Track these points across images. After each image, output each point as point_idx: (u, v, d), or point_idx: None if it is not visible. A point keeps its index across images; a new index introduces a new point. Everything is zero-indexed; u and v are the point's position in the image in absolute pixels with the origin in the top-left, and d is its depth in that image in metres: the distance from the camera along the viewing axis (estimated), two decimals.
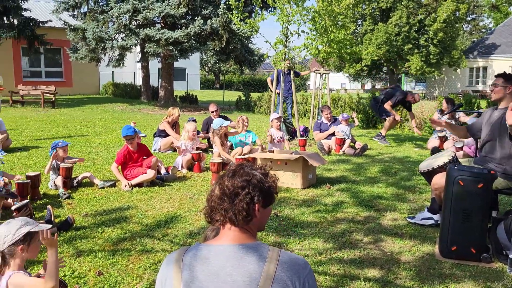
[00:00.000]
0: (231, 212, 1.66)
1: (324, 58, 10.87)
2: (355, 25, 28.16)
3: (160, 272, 1.71)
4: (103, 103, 20.10)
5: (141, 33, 16.38)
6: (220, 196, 1.69)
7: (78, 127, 12.02)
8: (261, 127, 11.98)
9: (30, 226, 2.41)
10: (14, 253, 2.37)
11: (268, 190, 1.73)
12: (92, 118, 14.39)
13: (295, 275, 1.58)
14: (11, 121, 12.32)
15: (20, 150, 8.41)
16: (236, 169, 1.73)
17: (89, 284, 3.28)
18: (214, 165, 6.25)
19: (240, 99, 19.49)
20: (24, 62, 24.43)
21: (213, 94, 33.63)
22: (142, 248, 3.96)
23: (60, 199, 5.37)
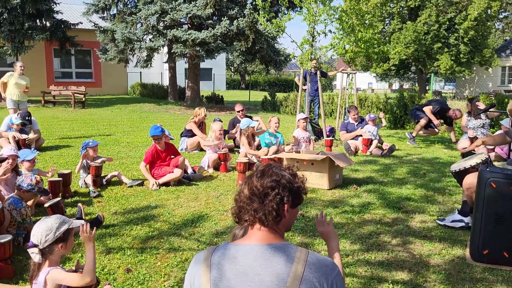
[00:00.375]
0: (260, 213, 1.66)
1: (351, 57, 10.76)
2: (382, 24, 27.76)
3: (188, 270, 1.73)
4: (131, 103, 20.44)
5: (168, 34, 16.58)
6: (250, 196, 1.69)
7: (107, 127, 12.26)
8: (287, 127, 11.95)
9: (68, 224, 2.48)
10: (53, 251, 2.44)
11: (297, 190, 1.73)
12: (121, 118, 14.65)
13: (323, 277, 1.57)
14: (43, 120, 12.66)
15: (52, 149, 8.63)
16: (265, 169, 1.73)
17: (118, 280, 3.34)
18: (240, 165, 6.28)
19: (266, 99, 19.50)
20: (55, 63, 25.09)
21: (238, 94, 33.75)
22: (170, 247, 4.01)
23: (90, 197, 5.49)
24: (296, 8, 17.96)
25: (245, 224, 1.73)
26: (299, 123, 8.19)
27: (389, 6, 27.21)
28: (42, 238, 2.42)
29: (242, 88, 48.51)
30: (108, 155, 7.48)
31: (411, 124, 13.11)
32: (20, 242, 3.90)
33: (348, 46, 10.51)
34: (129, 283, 3.30)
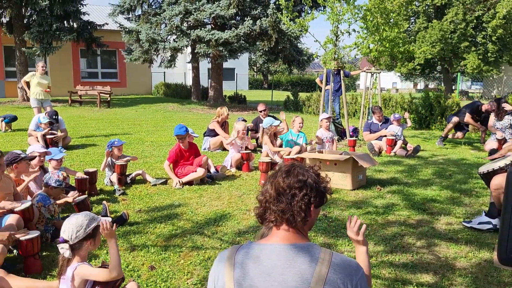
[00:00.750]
0: (288, 214, 1.65)
1: (375, 57, 10.63)
2: (408, 22, 27.34)
3: (212, 269, 1.73)
4: (155, 103, 20.69)
5: (192, 34, 16.72)
6: (276, 197, 1.68)
7: (132, 126, 12.44)
8: (309, 127, 11.89)
9: (97, 221, 2.53)
10: (82, 247, 2.49)
11: (322, 190, 1.72)
12: (145, 117, 14.85)
13: (347, 278, 1.56)
14: (70, 120, 12.93)
15: (78, 147, 8.81)
16: (290, 169, 1.72)
17: (142, 277, 3.39)
18: (262, 164, 6.28)
19: (289, 99, 19.46)
20: (82, 64, 25.62)
21: (261, 94, 33.78)
22: (193, 245, 4.04)
23: (115, 195, 5.58)
24: (319, 7, 17.85)
25: (270, 224, 1.72)
26: (322, 123, 8.14)
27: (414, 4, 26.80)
28: (72, 234, 2.47)
29: (265, 88, 48.53)
30: (132, 154, 7.60)
31: (437, 124, 12.89)
32: (47, 238, 4.00)
33: (373, 45, 10.38)
34: (153, 280, 3.34)
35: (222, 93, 20.93)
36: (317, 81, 12.43)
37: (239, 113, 15.62)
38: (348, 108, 13.57)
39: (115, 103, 19.55)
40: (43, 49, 18.79)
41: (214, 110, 16.62)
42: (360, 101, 12.54)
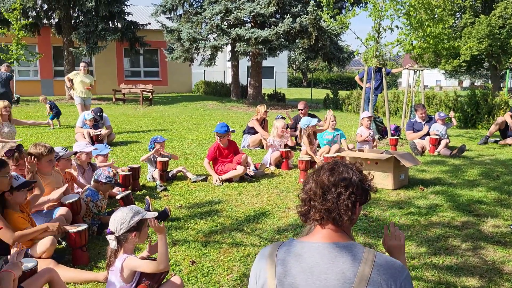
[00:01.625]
0: (334, 213, 1.64)
1: (418, 54, 10.34)
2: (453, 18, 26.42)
3: (254, 265, 1.75)
4: (195, 101, 21.00)
5: (232, 33, 16.85)
6: (321, 195, 1.66)
7: (173, 124, 12.68)
8: (349, 125, 11.75)
9: (141, 215, 2.61)
10: (128, 239, 2.58)
11: (368, 189, 1.70)
12: (185, 115, 15.10)
13: (391, 279, 1.53)
14: (114, 117, 13.32)
15: (122, 144, 9.08)
16: (334, 167, 1.71)
17: (183, 272, 3.46)
18: (302, 163, 6.26)
19: (328, 97, 19.28)
20: (125, 63, 26.35)
21: (300, 92, 33.61)
22: (232, 241, 4.09)
23: (157, 191, 5.72)
24: (361, 4, 17.55)
25: (315, 223, 1.70)
26: (363, 121, 8.02)
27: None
28: (117, 226, 2.57)
29: (304, 86, 48.24)
30: (173, 151, 7.76)
31: (483, 123, 12.42)
32: (94, 231, 4.15)
33: (416, 42, 10.11)
34: (194, 275, 3.41)
35: (261, 91, 20.98)
36: (356, 79, 12.24)
37: (278, 111, 15.60)
38: (390, 107, 13.31)
39: (156, 101, 19.98)
40: (89, 49, 19.46)
41: (253, 108, 16.68)
42: (402, 99, 12.27)
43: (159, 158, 6.07)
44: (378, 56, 9.43)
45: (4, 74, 10.73)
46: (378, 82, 10.95)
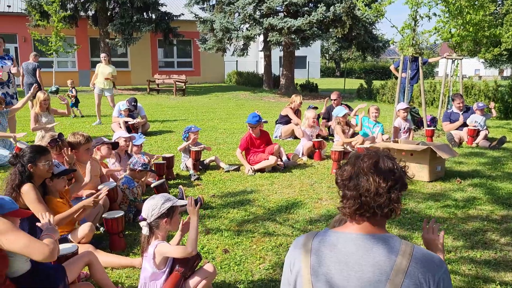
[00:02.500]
0: (387, 208, 1.61)
1: (457, 42, 10.02)
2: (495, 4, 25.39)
3: (288, 254, 1.75)
4: (227, 91, 21.10)
5: (264, 23, 16.77)
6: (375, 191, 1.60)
7: (205, 114, 12.80)
8: (383, 116, 11.52)
9: (172, 202, 2.66)
10: (160, 225, 2.64)
11: (405, 181, 1.66)
12: (218, 105, 15.20)
13: (429, 273, 1.50)
14: (148, 107, 13.55)
15: (156, 133, 9.24)
16: (378, 160, 1.64)
17: (216, 260, 3.51)
18: (335, 153, 6.20)
19: (362, 87, 18.96)
20: (159, 53, 26.71)
21: (333, 82, 33.20)
22: (265, 231, 4.11)
23: (190, 180, 5.80)
24: None
25: (355, 216, 1.64)
26: (399, 113, 7.84)
27: None
28: (149, 213, 2.63)
29: (337, 76, 47.62)
30: (206, 141, 7.84)
31: None
32: (130, 218, 4.26)
33: (455, 29, 9.79)
34: (227, 263, 3.45)
35: (294, 81, 20.85)
36: (391, 68, 11.97)
37: (310, 102, 15.48)
38: (426, 97, 12.96)
39: (190, 91, 20.19)
40: (124, 40, 19.82)
41: (286, 98, 16.62)
42: (439, 89, 11.93)
43: (193, 148, 6.15)
44: (414, 45, 9.18)
45: (31, 64, 10.76)
46: (414, 72, 10.67)
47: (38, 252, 2.21)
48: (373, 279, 1.51)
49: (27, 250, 2.20)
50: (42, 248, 2.22)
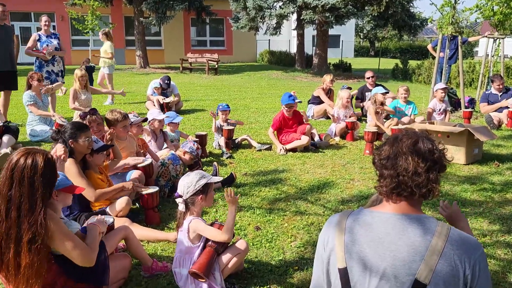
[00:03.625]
0: (425, 188, 1.60)
1: (499, 20, 9.60)
2: None
3: (322, 232, 1.77)
4: (259, 70, 21.02)
5: (298, 1, 16.51)
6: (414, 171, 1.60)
7: (237, 93, 12.82)
8: (419, 97, 11.24)
9: (207, 179, 2.72)
10: (195, 202, 2.71)
11: (444, 163, 1.64)
12: (250, 85, 15.19)
13: (465, 255, 1.49)
14: (181, 86, 13.67)
15: (189, 112, 9.35)
16: (416, 140, 1.64)
17: (249, 236, 3.57)
18: (368, 134, 6.13)
19: (397, 67, 18.50)
20: (192, 32, 26.77)
21: (367, 62, 32.49)
22: (296, 210, 4.14)
23: (223, 158, 5.87)
24: None
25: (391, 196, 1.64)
26: (437, 93, 7.63)
27: None
28: (184, 190, 2.69)
29: (371, 56, 46.57)
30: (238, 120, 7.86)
31: None
32: (165, 193, 4.37)
33: (497, 7, 9.38)
34: (258, 240, 3.51)
35: (327, 60, 20.55)
36: (429, 48, 11.61)
37: (344, 82, 15.26)
38: (465, 77, 12.55)
39: (222, 70, 20.23)
40: (158, 18, 19.92)
41: (318, 78, 16.43)
42: (478, 70, 11.52)
43: (225, 126, 6.20)
44: (454, 23, 8.86)
45: None
46: (452, 51, 10.34)
47: (78, 258, 2.31)
48: (407, 259, 1.51)
49: (69, 254, 2.30)
50: (83, 254, 2.31)
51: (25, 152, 2.25)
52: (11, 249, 2.19)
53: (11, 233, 2.19)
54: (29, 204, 2.19)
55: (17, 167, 2.19)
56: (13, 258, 2.20)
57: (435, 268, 1.47)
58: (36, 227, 2.18)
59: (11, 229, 2.19)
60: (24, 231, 2.18)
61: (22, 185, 2.18)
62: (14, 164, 2.20)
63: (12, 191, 2.18)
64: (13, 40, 7.47)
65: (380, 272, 1.54)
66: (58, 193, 2.44)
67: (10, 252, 2.20)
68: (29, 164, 2.19)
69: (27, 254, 2.19)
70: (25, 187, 2.18)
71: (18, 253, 2.20)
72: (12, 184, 2.18)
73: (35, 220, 2.18)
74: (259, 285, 2.83)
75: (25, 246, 2.18)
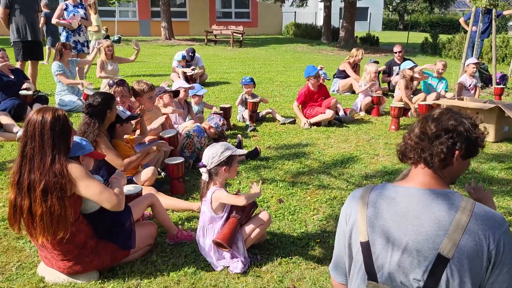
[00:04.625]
0: (427, 153, 1.60)
1: None
2: None
3: (345, 205, 1.77)
4: (284, 43, 20.74)
5: None
6: (419, 135, 1.63)
7: (262, 66, 12.73)
8: (449, 72, 10.92)
9: (231, 151, 2.74)
10: (218, 172, 2.75)
11: (474, 141, 1.61)
12: (275, 58, 15.04)
13: (489, 230, 1.47)
14: (205, 58, 13.63)
15: (214, 84, 9.35)
16: (443, 111, 1.63)
17: (271, 208, 3.61)
18: (394, 109, 6.03)
19: (427, 41, 17.97)
20: (217, 4, 26.49)
21: (395, 36, 31.61)
22: (319, 184, 4.15)
23: (247, 131, 5.89)
24: None
25: (409, 162, 1.68)
26: (468, 68, 7.39)
27: None
28: (209, 160, 2.73)
29: (400, 29, 45.28)
30: (262, 93, 7.84)
31: None
32: (190, 164, 4.43)
33: None
34: (281, 212, 3.54)
35: (354, 34, 20.10)
36: (461, 21, 11.21)
37: (371, 56, 14.94)
38: (497, 53, 12.12)
39: (246, 43, 20.05)
40: None
41: (344, 52, 16.14)
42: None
43: (250, 99, 6.19)
44: None
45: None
46: (486, 25, 9.97)
47: (107, 201, 2.44)
48: (431, 234, 1.51)
49: (98, 197, 2.43)
50: (112, 198, 2.44)
51: (37, 110, 2.41)
52: (26, 201, 2.33)
53: (24, 186, 2.33)
54: (40, 155, 2.33)
55: (30, 123, 2.35)
56: (27, 210, 2.34)
57: (458, 243, 1.46)
58: (48, 177, 2.30)
59: (24, 182, 2.33)
60: (36, 182, 2.31)
61: (33, 139, 2.33)
62: (27, 121, 2.37)
63: (26, 146, 2.34)
64: (36, 10, 7.54)
65: (402, 246, 1.54)
66: (83, 158, 2.59)
67: (25, 205, 2.33)
68: (39, 120, 2.34)
69: (42, 204, 2.31)
70: (36, 141, 2.33)
71: (33, 204, 2.33)
72: (26, 140, 2.35)
73: (48, 170, 2.31)
74: (281, 257, 2.88)
75: (39, 196, 2.31)
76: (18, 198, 2.35)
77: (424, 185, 1.61)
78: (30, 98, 6.06)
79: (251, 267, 2.75)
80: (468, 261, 1.46)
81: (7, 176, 4.13)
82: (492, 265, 1.47)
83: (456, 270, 1.45)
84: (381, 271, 1.57)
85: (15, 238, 3.06)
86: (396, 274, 1.54)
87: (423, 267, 1.49)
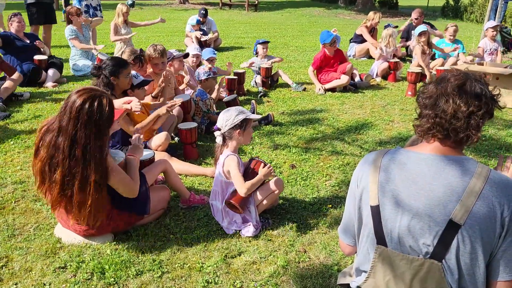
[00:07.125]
0: (463, 133, 1.53)
1: None
2: None
3: (356, 169, 1.76)
4: (300, 7, 20.28)
5: None
6: (453, 114, 1.51)
7: (277, 30, 12.50)
8: (470, 36, 10.62)
9: (245, 114, 2.73)
10: (232, 136, 2.74)
11: (492, 109, 1.54)
12: (290, 22, 14.74)
13: (505, 198, 1.44)
14: (220, 22, 13.44)
15: (228, 49, 9.24)
16: (465, 82, 1.54)
17: (284, 174, 3.61)
18: (412, 75, 5.91)
19: (448, 4, 17.38)
20: None
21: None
22: (332, 150, 4.12)
23: (260, 97, 5.84)
24: None
25: (428, 135, 1.58)
26: (487, 32, 7.17)
27: None
28: (223, 123, 2.73)
29: None
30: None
31: None
32: (202, 130, 4.43)
33: None
34: (294, 178, 3.55)
35: None
36: None
37: (389, 20, 14.53)
38: None
39: (262, 7, 19.66)
40: None
41: (362, 16, 15.74)
42: None
43: (263, 65, 6.11)
44: None
45: None
46: None
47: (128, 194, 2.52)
48: (443, 199, 1.48)
49: (123, 189, 2.48)
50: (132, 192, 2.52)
51: (90, 94, 2.28)
52: (75, 185, 2.29)
53: (76, 171, 2.27)
54: (96, 146, 2.28)
55: (83, 109, 2.23)
56: (77, 195, 2.32)
57: (471, 209, 1.44)
58: (103, 168, 2.31)
59: (76, 168, 2.27)
60: (91, 171, 2.28)
61: (88, 128, 2.24)
62: (80, 105, 2.24)
63: (78, 132, 2.24)
64: None
65: (412, 211, 1.53)
66: None
67: (75, 189, 2.30)
68: (95, 108, 2.25)
69: (93, 193, 2.32)
70: (91, 130, 2.25)
71: (83, 191, 2.31)
72: (77, 124, 2.24)
73: (102, 162, 2.30)
74: (292, 221, 2.90)
75: (91, 186, 2.30)
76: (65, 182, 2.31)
77: (438, 151, 1.57)
78: (44, 62, 6.08)
79: (262, 231, 2.78)
80: (480, 228, 1.44)
81: (23, 140, 4.19)
82: (506, 232, 1.44)
83: (468, 236, 1.43)
84: (390, 235, 1.57)
85: (32, 200, 3.13)
86: (405, 238, 1.53)
87: (433, 232, 1.48)
